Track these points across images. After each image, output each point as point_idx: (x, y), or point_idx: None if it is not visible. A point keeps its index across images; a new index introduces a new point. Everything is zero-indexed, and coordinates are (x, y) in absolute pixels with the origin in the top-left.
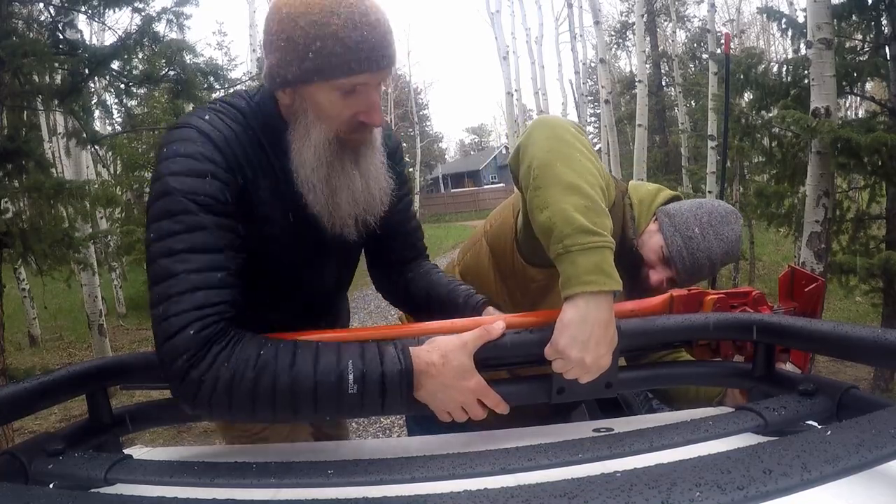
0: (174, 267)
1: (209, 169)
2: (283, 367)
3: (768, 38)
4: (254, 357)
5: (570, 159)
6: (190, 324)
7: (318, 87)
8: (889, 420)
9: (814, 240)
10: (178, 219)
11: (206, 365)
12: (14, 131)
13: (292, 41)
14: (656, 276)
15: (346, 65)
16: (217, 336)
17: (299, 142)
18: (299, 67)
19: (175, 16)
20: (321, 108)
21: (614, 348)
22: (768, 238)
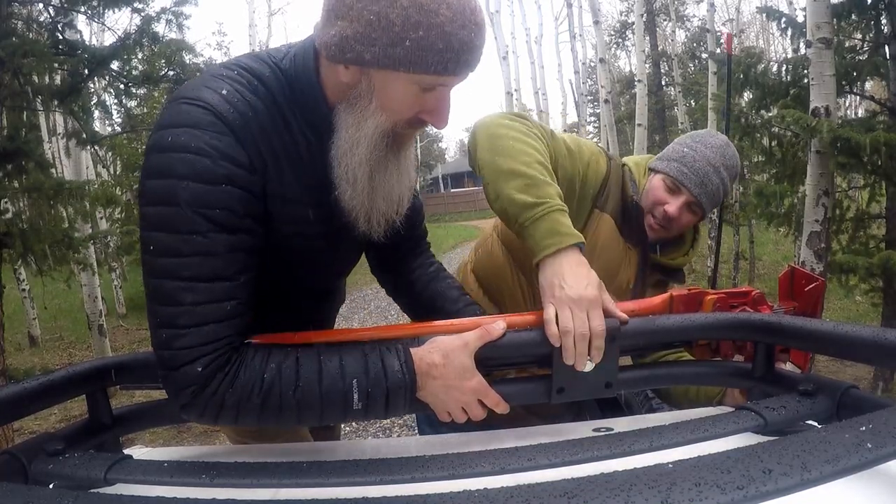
0: (180, 296)
1: (225, 173)
2: (287, 388)
3: (768, 37)
4: (258, 382)
5: (505, 150)
6: (197, 359)
7: (398, 77)
8: (889, 420)
9: (814, 239)
10: (184, 238)
11: (209, 392)
12: (14, 131)
13: (387, 20)
14: (672, 207)
15: (443, 63)
16: (221, 366)
17: (351, 130)
18: (387, 51)
19: (174, 16)
20: (391, 99)
21: (598, 283)
22: (768, 237)
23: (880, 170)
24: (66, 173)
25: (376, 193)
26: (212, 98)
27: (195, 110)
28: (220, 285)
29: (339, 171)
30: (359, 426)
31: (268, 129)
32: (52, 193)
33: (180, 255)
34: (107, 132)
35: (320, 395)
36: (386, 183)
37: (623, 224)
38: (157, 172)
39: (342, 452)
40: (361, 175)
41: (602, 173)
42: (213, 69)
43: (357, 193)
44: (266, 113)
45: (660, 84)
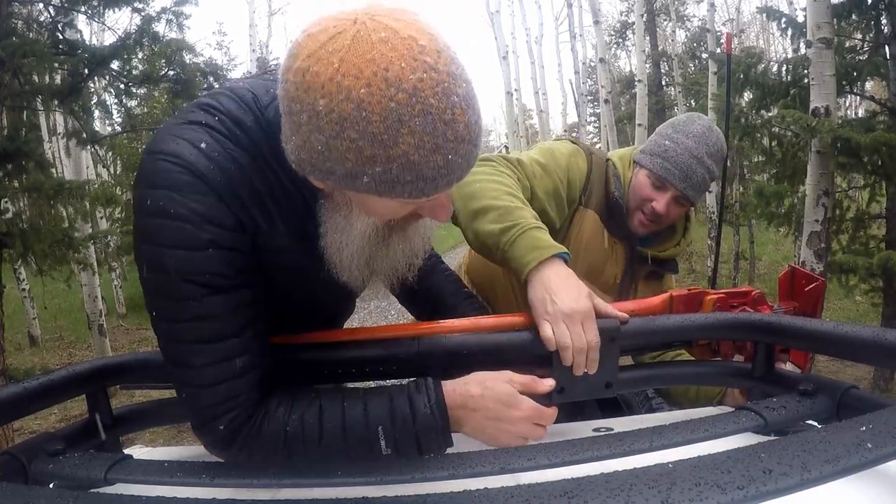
0: (189, 359)
1: (208, 238)
2: (310, 441)
3: (768, 37)
4: (282, 435)
5: (474, 193)
6: (218, 417)
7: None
8: (889, 420)
9: (814, 239)
10: (180, 305)
11: (236, 448)
12: (14, 131)
13: (337, 152)
14: (659, 204)
15: (417, 191)
16: (244, 422)
17: (337, 234)
18: (347, 182)
19: (175, 15)
20: (373, 210)
21: (588, 293)
22: (768, 237)
23: (880, 170)
24: (66, 173)
25: (376, 273)
26: (189, 154)
27: (173, 169)
28: (227, 344)
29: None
30: None
31: (254, 183)
32: (52, 193)
33: (179, 320)
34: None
35: (346, 445)
36: (388, 260)
37: (608, 220)
38: (145, 237)
39: None
40: (356, 265)
41: (584, 171)
42: (192, 112)
43: (353, 277)
44: (251, 165)
45: (660, 84)
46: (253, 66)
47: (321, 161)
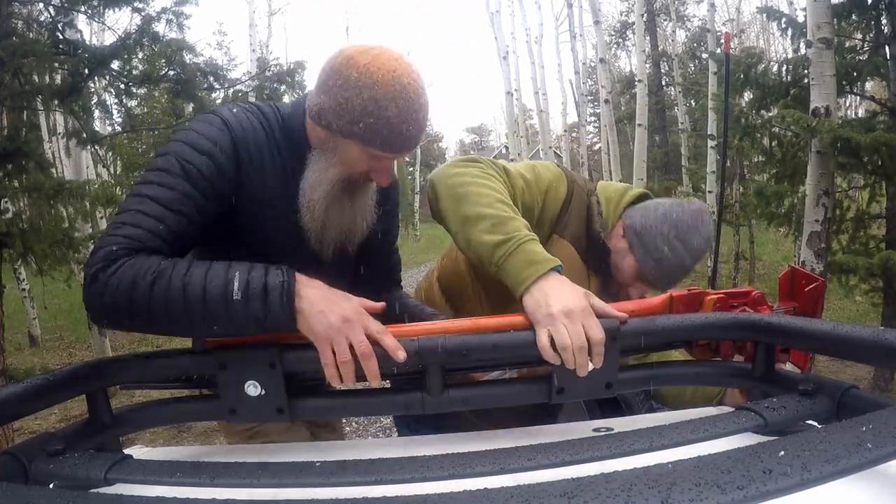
0: (133, 203)
1: (209, 148)
2: (177, 274)
3: (768, 37)
4: (154, 266)
5: (466, 196)
6: (116, 244)
7: (353, 145)
8: (889, 420)
9: (814, 239)
10: (159, 173)
11: (113, 269)
12: (14, 131)
13: (350, 103)
14: (636, 292)
15: (385, 144)
16: (131, 252)
17: (317, 172)
18: (347, 126)
19: (175, 15)
20: (347, 158)
21: (583, 292)
22: (768, 237)
23: (880, 170)
24: (66, 173)
25: (328, 223)
26: (224, 112)
27: (211, 115)
28: (164, 211)
29: (302, 200)
30: (359, 425)
31: (261, 146)
32: (52, 193)
33: (149, 182)
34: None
35: (204, 282)
36: (337, 216)
37: (587, 255)
38: (172, 138)
39: (342, 452)
40: (318, 208)
41: (561, 198)
42: (224, 106)
43: (312, 219)
44: (262, 133)
45: (660, 84)
46: (253, 66)
47: (339, 109)
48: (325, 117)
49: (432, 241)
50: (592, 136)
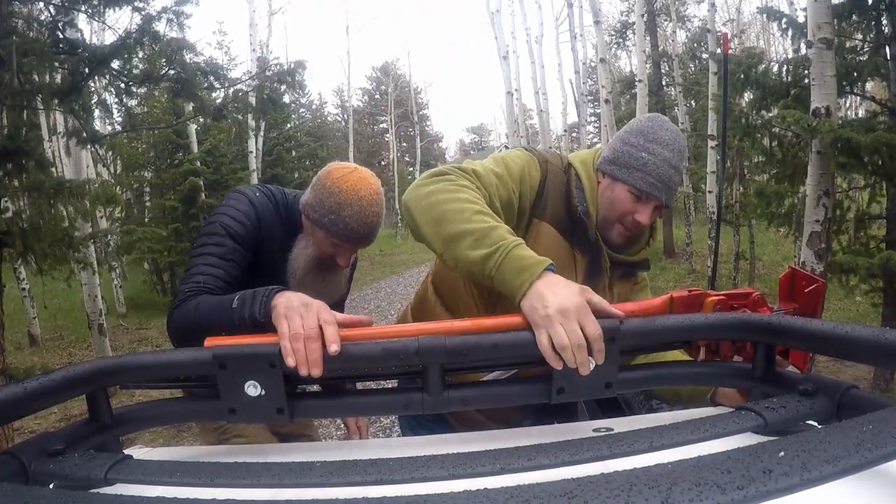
0: (198, 259)
1: (243, 221)
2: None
3: (768, 37)
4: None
5: (442, 218)
6: (188, 289)
7: (322, 232)
8: (889, 420)
9: (814, 239)
10: (212, 237)
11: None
12: (14, 130)
13: (322, 203)
14: (643, 216)
15: (341, 236)
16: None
17: (301, 249)
18: (319, 218)
19: (175, 15)
20: (318, 241)
21: (579, 289)
22: (768, 238)
23: (881, 170)
24: (66, 172)
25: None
26: (252, 195)
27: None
28: (219, 260)
29: (290, 268)
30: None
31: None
32: (52, 192)
33: (206, 243)
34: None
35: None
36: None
37: (570, 233)
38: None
39: (342, 452)
40: (299, 275)
41: (537, 182)
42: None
43: (294, 282)
44: (276, 215)
45: (660, 84)
46: (253, 65)
47: (315, 205)
48: (306, 209)
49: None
50: (593, 136)
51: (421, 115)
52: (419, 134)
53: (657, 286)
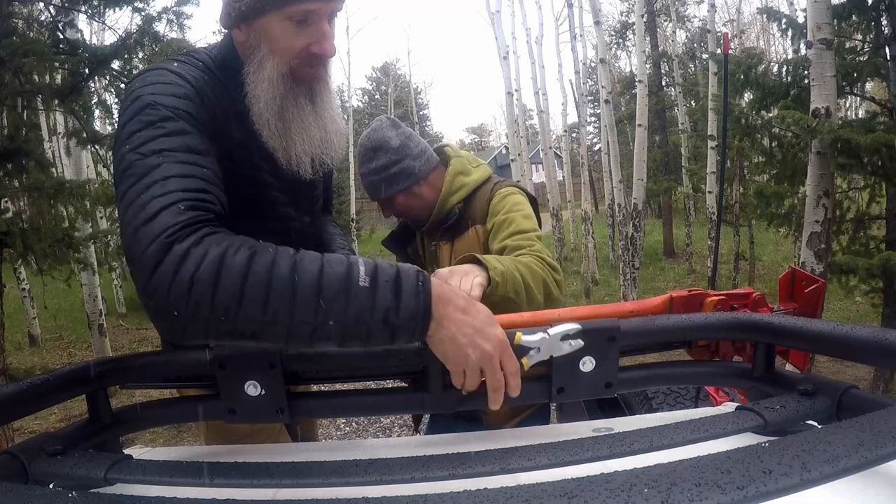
0: (156, 161)
1: (187, 92)
2: (283, 252)
3: (768, 38)
4: (250, 241)
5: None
6: (179, 201)
7: (271, 18)
8: (889, 420)
9: (814, 240)
10: (159, 125)
11: (193, 240)
12: (14, 131)
13: None
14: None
15: None
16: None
17: (253, 75)
18: (251, 5)
19: (176, 16)
20: (274, 40)
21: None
22: (768, 238)
23: (880, 171)
24: (66, 173)
25: (292, 131)
26: (168, 65)
27: (156, 70)
28: (197, 156)
29: (254, 118)
30: (359, 426)
31: (215, 91)
32: (52, 193)
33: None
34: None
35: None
36: (300, 121)
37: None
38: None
39: (342, 452)
40: (270, 115)
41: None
42: (159, 61)
43: (272, 132)
44: (211, 80)
45: (660, 84)
46: None
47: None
48: (233, 10)
49: None
50: (593, 137)
51: (421, 115)
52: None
53: (657, 287)
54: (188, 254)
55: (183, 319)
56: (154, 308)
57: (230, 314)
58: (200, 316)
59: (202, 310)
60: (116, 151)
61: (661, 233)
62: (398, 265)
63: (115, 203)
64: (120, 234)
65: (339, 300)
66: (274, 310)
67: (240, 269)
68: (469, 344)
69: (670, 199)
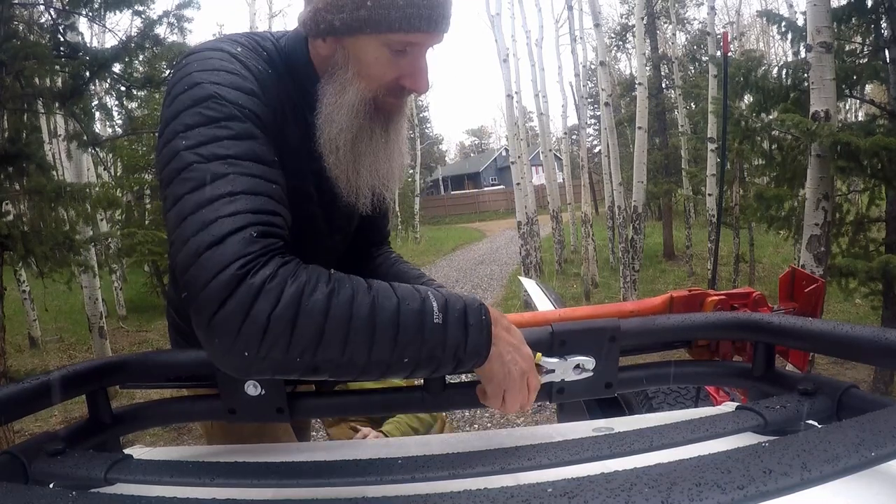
0: (221, 169)
1: (253, 87)
2: (360, 286)
3: (768, 40)
4: (325, 274)
5: None
6: (250, 225)
7: (368, 41)
8: (889, 420)
9: (813, 242)
10: (223, 124)
11: (268, 274)
12: (15, 134)
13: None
14: None
15: (405, 19)
16: (279, 249)
17: (332, 97)
18: (352, 15)
19: (176, 19)
20: (365, 65)
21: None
22: (768, 240)
23: (880, 173)
24: (66, 175)
25: (360, 163)
26: (229, 47)
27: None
28: (264, 167)
29: (322, 140)
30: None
31: (277, 89)
32: (53, 196)
33: (218, 138)
34: (108, 134)
35: (396, 297)
36: (371, 154)
37: None
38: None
39: (342, 452)
40: (343, 143)
41: None
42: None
43: (339, 161)
44: (274, 75)
45: (660, 87)
46: None
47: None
48: (322, 20)
49: (432, 242)
50: (593, 139)
51: (421, 117)
52: (419, 136)
53: (657, 289)
54: (263, 290)
55: (251, 359)
56: (218, 346)
57: (306, 356)
58: (273, 357)
59: (276, 351)
60: (168, 142)
61: (662, 235)
62: (463, 297)
63: (162, 199)
64: (169, 242)
65: (416, 338)
66: (352, 351)
67: (320, 310)
68: (511, 362)
69: (670, 202)
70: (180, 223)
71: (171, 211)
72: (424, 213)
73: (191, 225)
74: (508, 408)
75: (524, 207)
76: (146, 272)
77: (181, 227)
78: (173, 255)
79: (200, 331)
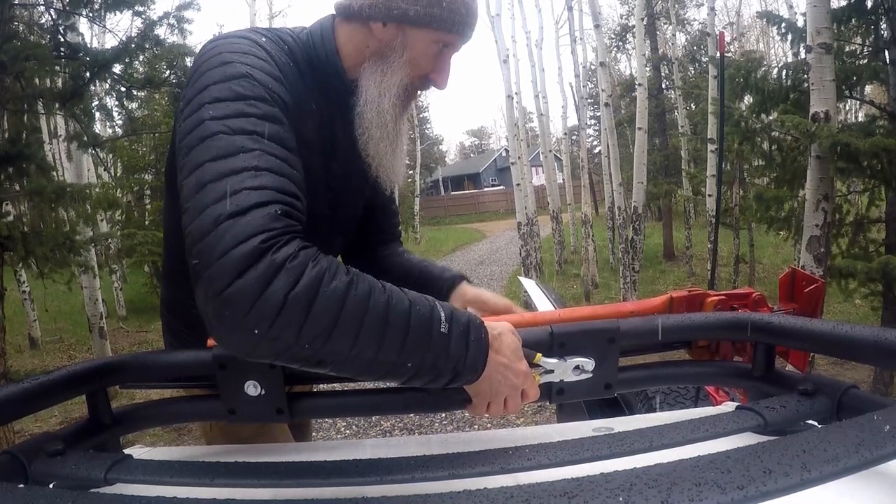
0: (248, 143)
1: (279, 76)
2: (375, 284)
3: (768, 41)
4: (344, 266)
5: None
6: (274, 202)
7: (427, 34)
8: (889, 420)
9: (813, 243)
10: (252, 103)
11: (290, 252)
12: (15, 135)
13: None
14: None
15: (461, 25)
16: (299, 233)
17: (380, 78)
18: (427, 10)
19: (177, 20)
20: (417, 54)
21: None
22: (768, 241)
23: (880, 174)
24: (67, 176)
25: (380, 154)
26: (255, 36)
27: (242, 40)
28: (287, 152)
29: (367, 120)
30: (359, 429)
31: (296, 83)
32: (53, 196)
33: (247, 114)
34: (108, 135)
35: (408, 299)
36: (391, 145)
37: None
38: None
39: (342, 452)
40: (390, 120)
41: None
42: (242, 30)
43: (383, 136)
44: (294, 69)
45: (660, 87)
46: None
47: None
48: (398, 7)
49: (432, 243)
50: (593, 140)
51: (421, 117)
52: (419, 137)
53: (657, 290)
54: (284, 267)
55: (260, 337)
56: (227, 319)
57: (315, 343)
58: (283, 338)
59: (287, 333)
60: (194, 112)
61: (661, 236)
62: (467, 313)
63: (180, 167)
64: (183, 210)
65: (422, 343)
66: (361, 346)
67: (338, 298)
68: (502, 381)
69: (670, 202)
70: (199, 190)
71: (190, 177)
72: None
73: (211, 192)
74: (490, 415)
75: (524, 208)
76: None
77: (200, 193)
78: (186, 223)
79: (209, 303)
